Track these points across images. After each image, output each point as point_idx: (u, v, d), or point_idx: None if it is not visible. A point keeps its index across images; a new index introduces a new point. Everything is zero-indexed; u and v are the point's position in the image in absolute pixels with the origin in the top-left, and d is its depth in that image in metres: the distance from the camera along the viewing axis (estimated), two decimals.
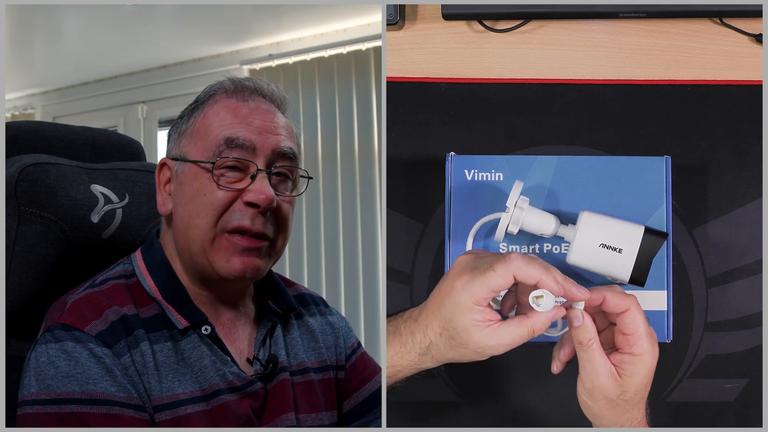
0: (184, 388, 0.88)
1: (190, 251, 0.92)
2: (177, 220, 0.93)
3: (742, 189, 1.06)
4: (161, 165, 0.96)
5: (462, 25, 1.11)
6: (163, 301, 0.92)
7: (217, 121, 0.92)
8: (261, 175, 0.91)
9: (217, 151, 0.91)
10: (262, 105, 0.95)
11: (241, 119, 0.92)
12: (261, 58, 3.22)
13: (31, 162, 0.97)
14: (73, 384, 0.81)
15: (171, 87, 3.52)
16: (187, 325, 0.91)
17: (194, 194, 0.91)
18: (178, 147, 0.95)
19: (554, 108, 1.09)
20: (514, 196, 0.90)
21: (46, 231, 0.96)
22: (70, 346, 0.83)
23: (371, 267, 2.95)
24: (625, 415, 0.84)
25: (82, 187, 1.00)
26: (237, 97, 0.94)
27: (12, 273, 0.95)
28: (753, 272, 1.06)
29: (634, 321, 0.81)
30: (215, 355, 0.92)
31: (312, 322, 1.06)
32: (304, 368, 1.01)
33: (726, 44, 1.09)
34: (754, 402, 1.04)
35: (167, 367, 0.88)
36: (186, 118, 0.96)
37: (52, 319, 0.88)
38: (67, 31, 3.10)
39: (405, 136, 1.09)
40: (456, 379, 1.07)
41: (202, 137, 0.93)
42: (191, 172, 0.92)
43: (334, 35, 3.09)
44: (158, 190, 0.96)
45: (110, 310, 0.88)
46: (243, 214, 0.90)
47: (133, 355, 0.86)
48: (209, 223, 0.90)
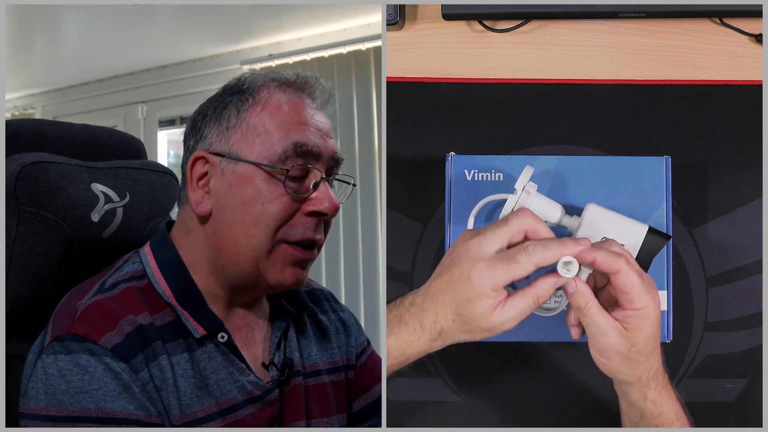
0: (201, 405, 0.84)
1: (238, 258, 0.86)
2: (222, 224, 0.86)
3: (742, 189, 1.06)
4: (197, 158, 0.88)
5: (462, 25, 1.11)
6: (178, 306, 0.87)
7: (277, 120, 0.86)
8: (324, 182, 0.87)
9: (283, 156, 0.84)
10: (317, 101, 0.90)
11: (304, 119, 0.86)
12: (261, 58, 3.22)
13: (31, 161, 0.97)
14: (88, 401, 0.77)
15: (171, 87, 3.52)
16: (204, 333, 0.86)
17: (251, 200, 0.84)
18: (225, 142, 0.87)
19: (554, 108, 1.09)
20: (523, 180, 0.89)
21: (46, 230, 0.96)
22: (84, 360, 0.78)
23: (371, 267, 2.95)
24: (642, 366, 0.85)
25: (83, 186, 1.00)
26: (294, 91, 0.88)
27: (12, 272, 0.95)
28: (753, 272, 1.06)
29: (627, 279, 0.81)
30: (232, 365, 0.87)
31: (325, 320, 1.03)
32: (317, 370, 0.98)
33: (726, 44, 1.09)
34: (754, 402, 1.04)
35: (186, 381, 0.84)
36: (233, 109, 0.87)
37: (61, 327, 0.82)
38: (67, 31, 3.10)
39: (405, 136, 1.09)
40: (456, 379, 1.07)
41: (261, 136, 0.85)
42: (247, 174, 0.85)
43: (334, 35, 3.09)
44: (191, 186, 0.88)
45: (125, 320, 0.82)
46: (306, 225, 0.86)
47: (151, 369, 0.81)
48: (269, 233, 0.84)
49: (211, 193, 0.87)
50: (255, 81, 0.89)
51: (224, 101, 0.89)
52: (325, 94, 0.91)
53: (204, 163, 0.88)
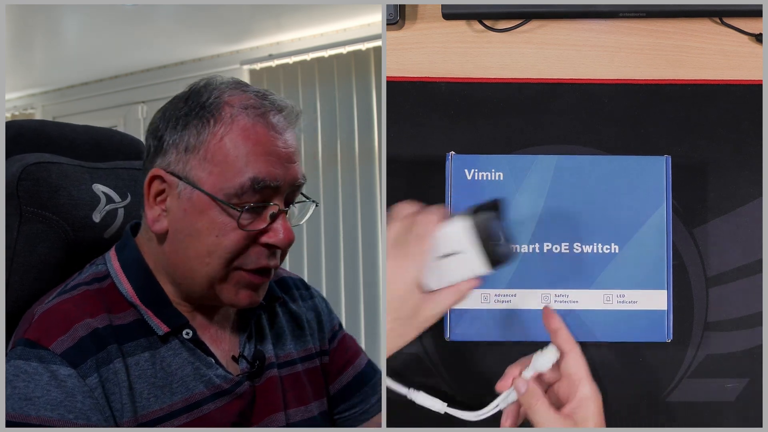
0: (162, 404, 0.84)
1: (192, 281, 0.87)
2: (177, 246, 0.87)
3: (742, 189, 1.07)
4: (154, 176, 0.87)
5: (462, 25, 1.11)
6: (141, 305, 0.87)
7: (237, 151, 0.83)
8: (281, 215, 0.86)
9: (240, 191, 0.83)
10: (279, 123, 0.86)
11: (263, 149, 0.84)
12: (261, 58, 3.22)
13: (32, 161, 0.97)
14: (29, 408, 0.78)
15: (171, 87, 3.50)
16: (167, 330, 0.87)
17: (205, 231, 0.84)
18: (182, 164, 0.85)
19: (554, 108, 1.09)
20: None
21: (48, 231, 0.96)
22: (32, 367, 0.79)
23: (371, 267, 2.95)
24: None
25: (84, 186, 1.00)
26: (258, 113, 0.85)
27: (13, 273, 0.95)
28: (753, 272, 1.06)
29: (577, 362, 0.87)
30: (198, 360, 0.88)
31: (296, 309, 1.04)
32: (291, 360, 0.99)
33: (726, 44, 1.09)
34: (754, 402, 1.04)
35: (143, 382, 0.84)
36: (193, 130, 0.85)
37: (19, 332, 0.85)
38: (67, 31, 3.10)
39: (405, 136, 1.09)
40: (456, 378, 1.07)
41: (219, 165, 0.84)
42: (202, 204, 0.84)
43: (334, 35, 3.09)
44: (147, 203, 0.87)
45: (80, 324, 0.83)
46: (261, 254, 0.86)
47: (102, 374, 0.81)
48: (222, 264, 0.85)
49: (168, 212, 0.87)
50: (219, 96, 0.86)
51: (187, 115, 0.86)
52: (293, 113, 0.88)
53: (161, 182, 0.87)
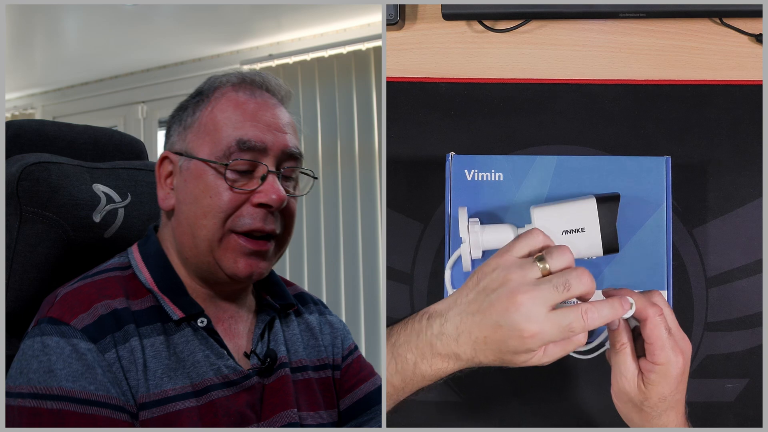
0: (174, 384, 0.87)
1: (195, 249, 0.91)
2: (181, 217, 0.92)
3: (742, 189, 1.07)
4: (162, 158, 0.95)
5: (462, 25, 1.11)
6: (158, 292, 0.91)
7: (225, 118, 0.91)
8: (271, 175, 0.91)
9: (227, 152, 0.90)
10: (269, 100, 0.94)
11: (249, 116, 0.91)
12: (261, 58, 3.22)
13: (33, 161, 0.97)
14: (52, 380, 0.81)
15: (171, 87, 3.52)
16: (182, 316, 0.90)
17: (200, 194, 0.90)
18: (183, 141, 0.93)
19: (554, 108, 1.09)
20: (463, 225, 0.90)
21: (48, 230, 0.96)
22: (54, 341, 0.83)
23: (371, 267, 2.95)
24: (654, 420, 0.85)
25: (84, 186, 1.00)
26: (244, 90, 0.93)
27: (14, 273, 0.95)
28: (753, 272, 1.06)
29: (654, 330, 0.82)
30: (210, 349, 0.91)
31: (311, 319, 1.06)
32: (303, 366, 1.01)
33: (726, 44, 1.09)
34: (754, 402, 1.04)
35: (157, 362, 0.87)
36: (191, 110, 0.94)
37: (42, 311, 0.88)
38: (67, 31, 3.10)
39: (405, 136, 1.09)
40: (456, 379, 1.07)
41: (210, 134, 0.91)
42: (198, 170, 0.91)
43: (334, 35, 3.09)
44: (159, 184, 0.95)
45: (100, 303, 0.87)
46: (254, 216, 0.90)
47: (119, 351, 0.85)
48: (217, 224, 0.90)
49: (175, 189, 0.94)
50: (214, 82, 0.95)
51: (188, 102, 0.96)
52: (281, 90, 0.96)
53: (169, 162, 0.95)
